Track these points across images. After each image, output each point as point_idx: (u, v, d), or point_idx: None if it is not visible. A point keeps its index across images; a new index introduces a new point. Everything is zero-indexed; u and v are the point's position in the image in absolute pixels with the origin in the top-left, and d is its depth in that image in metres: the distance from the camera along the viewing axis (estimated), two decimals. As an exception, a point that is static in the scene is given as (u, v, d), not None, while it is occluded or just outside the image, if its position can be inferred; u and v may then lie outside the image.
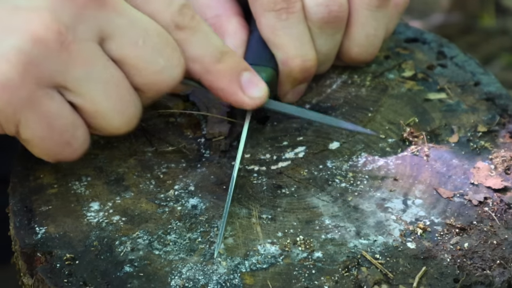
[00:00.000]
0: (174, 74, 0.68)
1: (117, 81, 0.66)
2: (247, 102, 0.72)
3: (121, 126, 0.67)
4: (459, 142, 0.77)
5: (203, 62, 0.70)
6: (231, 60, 0.71)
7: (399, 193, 0.71)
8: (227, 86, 0.71)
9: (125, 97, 0.66)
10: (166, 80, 0.68)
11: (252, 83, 0.72)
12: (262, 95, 0.72)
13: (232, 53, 0.71)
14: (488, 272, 0.65)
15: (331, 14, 0.77)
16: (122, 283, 0.63)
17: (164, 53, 0.67)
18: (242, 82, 0.71)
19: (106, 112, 0.66)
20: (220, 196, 0.71)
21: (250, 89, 0.72)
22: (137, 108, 0.68)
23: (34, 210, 0.69)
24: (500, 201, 0.71)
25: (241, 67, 0.72)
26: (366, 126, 0.78)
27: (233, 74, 0.71)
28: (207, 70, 0.70)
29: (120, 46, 0.66)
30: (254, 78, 0.72)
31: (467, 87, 0.83)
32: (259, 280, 0.64)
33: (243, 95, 0.71)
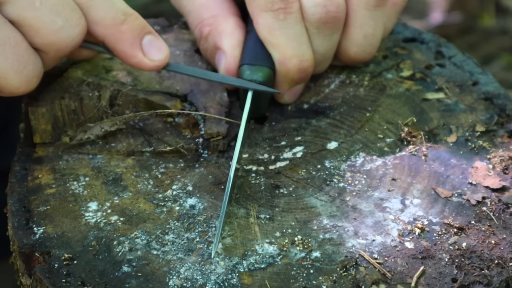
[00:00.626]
0: (73, 34, 0.71)
1: (14, 41, 0.69)
2: (146, 64, 0.74)
3: (20, 85, 0.70)
4: (457, 141, 0.77)
5: (105, 25, 0.72)
6: (133, 23, 0.73)
7: (397, 193, 0.72)
8: (128, 48, 0.73)
9: (23, 57, 0.69)
10: (65, 40, 0.70)
11: (153, 46, 0.74)
12: (163, 57, 0.74)
13: (135, 16, 0.73)
14: (486, 271, 0.65)
15: (328, 14, 0.77)
16: (120, 283, 0.63)
17: (62, 14, 0.70)
18: (143, 45, 0.73)
19: (4, 72, 0.69)
20: (218, 196, 0.71)
21: (151, 52, 0.74)
22: (36, 68, 0.70)
23: (32, 210, 0.69)
24: (498, 200, 0.71)
25: (144, 30, 0.74)
26: (364, 126, 0.79)
27: (135, 37, 0.73)
28: (109, 33, 0.73)
29: (17, 8, 0.69)
30: (156, 41, 0.74)
31: (465, 86, 0.83)
32: (257, 280, 0.64)
33: (143, 57, 0.74)
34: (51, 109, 0.77)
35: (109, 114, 0.77)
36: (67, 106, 0.77)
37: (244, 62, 0.77)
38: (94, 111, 0.78)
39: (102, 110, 0.78)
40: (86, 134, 0.76)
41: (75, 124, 0.77)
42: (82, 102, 0.78)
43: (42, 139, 0.76)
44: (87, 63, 0.82)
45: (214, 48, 0.80)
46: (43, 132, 0.76)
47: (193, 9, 0.82)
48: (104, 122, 0.77)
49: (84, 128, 0.76)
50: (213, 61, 0.81)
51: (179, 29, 0.89)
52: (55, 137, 0.76)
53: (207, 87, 0.81)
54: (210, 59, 0.82)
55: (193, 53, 0.86)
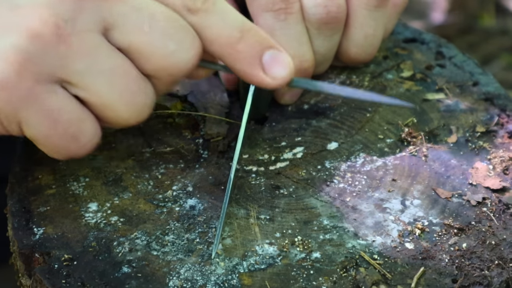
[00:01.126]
0: (187, 57, 0.66)
1: (123, 71, 0.64)
2: (269, 83, 0.68)
3: (131, 117, 0.65)
4: (458, 142, 0.77)
5: (221, 44, 0.67)
6: (251, 39, 0.68)
7: (397, 194, 0.71)
8: (247, 68, 0.68)
9: (133, 87, 0.64)
10: (177, 64, 0.65)
11: (275, 61, 0.68)
12: (286, 74, 0.68)
13: (254, 31, 0.68)
14: (486, 272, 0.65)
15: (329, 15, 0.77)
16: (120, 284, 0.63)
17: (174, 36, 0.65)
18: (264, 62, 0.68)
19: (113, 104, 0.64)
20: (218, 196, 0.71)
21: (272, 69, 0.68)
22: (147, 97, 0.66)
23: (32, 211, 0.69)
24: (499, 201, 0.71)
25: (264, 46, 0.68)
26: (364, 126, 0.78)
27: (253, 55, 0.68)
28: (226, 52, 0.67)
29: (124, 33, 0.64)
30: (278, 56, 0.68)
31: (466, 87, 0.83)
32: (257, 281, 0.64)
33: (265, 75, 0.68)
34: (51, 109, 0.77)
35: (109, 114, 0.77)
36: (67, 106, 0.77)
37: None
38: (94, 111, 0.77)
39: (102, 110, 0.77)
40: (86, 134, 0.76)
41: (75, 125, 0.77)
42: (82, 102, 0.78)
43: (42, 140, 0.76)
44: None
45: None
46: (43, 132, 0.76)
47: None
48: (104, 122, 0.76)
49: (84, 129, 0.76)
50: (213, 62, 0.80)
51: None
52: (55, 138, 0.76)
53: (207, 87, 0.81)
54: (211, 59, 0.81)
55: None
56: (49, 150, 0.66)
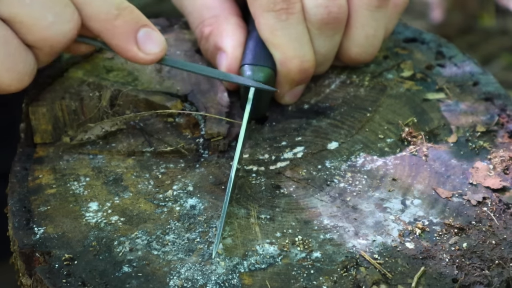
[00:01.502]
0: (66, 29, 0.70)
1: (4, 39, 0.68)
2: (142, 58, 0.73)
3: (11, 83, 0.69)
4: (458, 142, 0.77)
5: (99, 20, 0.72)
6: (128, 17, 0.72)
7: (397, 193, 0.72)
8: (122, 43, 0.72)
9: (14, 55, 0.69)
10: (56, 36, 0.70)
11: (149, 38, 0.73)
12: (159, 50, 0.73)
13: (130, 10, 0.73)
14: (486, 272, 0.65)
15: (330, 15, 0.77)
16: (120, 283, 0.63)
17: (53, 9, 0.69)
18: (138, 38, 0.72)
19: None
20: (218, 196, 0.71)
21: (146, 45, 0.73)
22: (28, 65, 0.70)
23: (32, 210, 0.69)
24: (499, 201, 0.71)
25: (139, 24, 0.73)
26: (364, 126, 0.79)
27: (129, 31, 0.72)
28: (104, 28, 0.72)
29: (6, 5, 0.68)
30: (152, 33, 0.73)
31: (466, 87, 0.83)
32: (258, 280, 0.64)
33: (138, 50, 0.73)
34: (52, 109, 0.77)
35: (109, 114, 0.77)
36: (67, 106, 0.77)
37: (245, 63, 0.77)
38: (95, 111, 0.77)
39: (103, 110, 0.78)
40: (87, 134, 0.76)
41: (76, 124, 0.77)
42: (82, 102, 0.78)
43: (43, 139, 0.76)
44: (87, 63, 0.82)
45: (215, 48, 0.80)
46: (43, 132, 0.76)
47: (194, 9, 0.82)
48: (104, 122, 0.77)
49: (85, 128, 0.76)
50: (214, 62, 0.81)
51: (180, 29, 0.90)
52: (55, 137, 0.76)
53: (208, 87, 0.81)
54: (211, 59, 0.82)
55: (194, 53, 0.86)
56: None
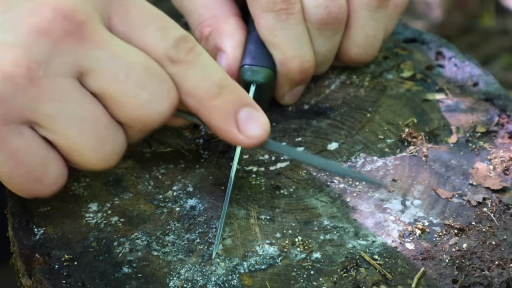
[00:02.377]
0: (160, 108, 0.64)
1: (94, 117, 0.63)
2: (242, 141, 0.67)
3: (98, 163, 0.64)
4: (458, 142, 0.77)
5: (198, 97, 0.66)
6: (229, 95, 0.66)
7: (397, 194, 0.71)
8: (221, 124, 0.67)
9: (102, 134, 0.63)
10: (150, 115, 0.64)
11: (251, 120, 0.67)
12: (261, 134, 0.67)
13: (232, 88, 0.67)
14: (486, 273, 0.65)
15: (330, 15, 0.77)
16: (120, 284, 0.63)
17: (149, 87, 0.63)
18: (239, 119, 0.67)
19: (81, 149, 0.63)
20: (218, 197, 0.71)
21: (247, 127, 0.67)
22: (117, 145, 0.64)
23: (32, 211, 0.69)
24: (499, 201, 0.71)
25: (241, 103, 0.67)
26: (364, 126, 0.78)
27: (230, 111, 0.66)
28: (202, 106, 0.66)
29: (99, 80, 0.62)
30: (253, 114, 0.67)
31: (466, 87, 0.83)
32: (258, 281, 0.64)
33: (238, 133, 0.67)
34: (52, 109, 0.77)
35: (109, 114, 0.77)
36: (67, 106, 0.77)
37: (245, 63, 0.77)
38: (95, 111, 0.77)
39: (103, 110, 0.77)
40: (87, 134, 0.76)
41: (76, 125, 0.77)
42: (82, 102, 0.78)
43: (43, 140, 0.76)
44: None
45: (214, 48, 0.80)
46: (43, 132, 0.76)
47: (193, 9, 0.82)
48: (104, 122, 0.76)
49: (85, 129, 0.76)
50: (214, 62, 0.80)
51: (180, 30, 0.89)
52: (55, 138, 0.76)
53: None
54: (211, 59, 0.81)
55: (194, 53, 0.86)
56: (13, 189, 0.65)
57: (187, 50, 0.65)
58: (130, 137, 0.66)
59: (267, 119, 0.68)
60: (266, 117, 0.68)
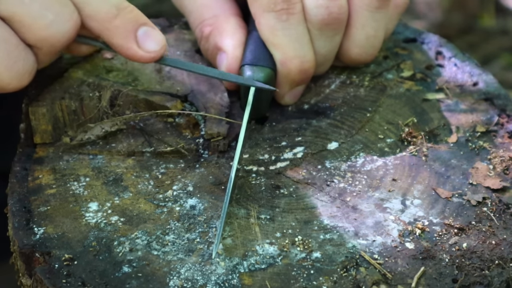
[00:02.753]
0: (65, 29, 0.70)
1: (3, 38, 0.68)
2: (142, 56, 0.73)
3: (11, 81, 0.70)
4: (458, 142, 0.77)
5: (99, 19, 0.72)
6: (127, 16, 0.72)
7: (397, 194, 0.72)
8: (122, 41, 0.73)
9: (13, 53, 0.69)
10: (56, 35, 0.70)
11: (149, 37, 0.73)
12: (158, 48, 0.73)
13: (129, 9, 0.73)
14: (486, 272, 0.65)
15: (331, 16, 0.77)
16: (120, 284, 0.63)
17: (52, 8, 0.69)
18: (138, 37, 0.73)
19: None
20: (218, 196, 0.71)
21: (146, 43, 0.73)
22: (28, 64, 0.70)
23: (32, 210, 0.69)
24: (499, 201, 0.71)
25: (139, 22, 0.73)
26: (364, 126, 0.79)
27: (129, 30, 0.72)
28: (104, 27, 0.72)
29: (6, 4, 0.68)
30: (152, 32, 0.73)
31: (466, 87, 0.83)
32: (258, 281, 0.64)
33: (138, 49, 0.73)
34: (52, 109, 0.77)
35: (109, 114, 0.77)
36: (67, 106, 0.77)
37: (245, 63, 0.77)
38: (95, 111, 0.78)
39: (103, 110, 0.78)
40: (87, 134, 0.76)
41: (76, 125, 0.77)
42: (82, 102, 0.78)
43: (43, 140, 0.76)
44: (87, 63, 0.82)
45: (215, 48, 0.80)
46: (43, 132, 0.76)
47: (194, 9, 0.82)
48: (104, 122, 0.77)
49: (85, 129, 0.76)
50: (214, 62, 0.81)
51: (180, 29, 0.90)
52: (55, 138, 0.76)
53: (208, 87, 0.81)
54: (211, 59, 0.82)
55: (194, 53, 0.86)
56: None
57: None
58: (40, 60, 0.72)
59: (163, 36, 0.74)
60: (162, 34, 0.74)
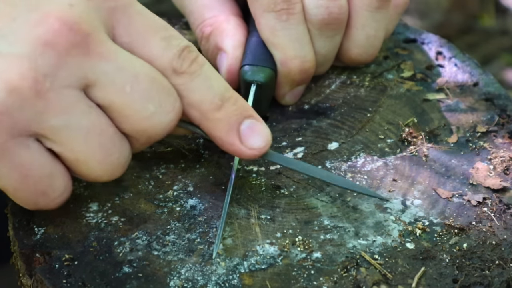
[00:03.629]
0: (166, 121, 0.64)
1: (100, 129, 0.63)
2: (244, 153, 0.68)
3: (103, 174, 0.65)
4: (458, 142, 0.77)
5: (201, 110, 0.66)
6: (231, 107, 0.67)
7: (398, 194, 0.72)
8: (224, 136, 0.67)
9: (108, 145, 0.63)
10: (156, 127, 0.64)
11: (253, 131, 0.67)
12: (263, 145, 0.68)
13: (234, 99, 0.67)
14: (487, 272, 0.65)
15: (331, 16, 0.77)
16: (121, 284, 0.63)
17: (155, 99, 0.63)
18: (241, 131, 0.67)
19: (87, 160, 0.63)
20: (219, 196, 0.71)
21: (249, 139, 0.67)
22: (122, 156, 0.65)
23: (33, 210, 0.69)
24: (499, 201, 0.71)
25: (243, 115, 0.67)
26: (365, 126, 0.79)
27: (232, 123, 0.67)
28: (205, 118, 0.67)
29: (105, 92, 0.62)
30: (255, 126, 0.68)
31: (466, 87, 0.83)
32: (258, 281, 0.64)
33: (241, 145, 0.67)
34: (52, 109, 0.77)
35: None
36: (68, 106, 0.77)
37: (246, 63, 0.77)
38: (95, 111, 0.77)
39: (103, 110, 0.77)
40: (87, 134, 0.76)
41: (76, 125, 0.77)
42: (83, 102, 0.78)
43: (43, 140, 0.76)
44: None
45: (215, 48, 0.80)
46: (44, 132, 0.76)
47: (194, 9, 0.82)
48: (105, 122, 0.76)
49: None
50: (214, 62, 0.81)
51: (180, 29, 0.90)
52: (56, 138, 0.76)
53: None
54: (211, 59, 0.82)
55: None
56: (18, 201, 0.64)
57: (191, 61, 0.65)
58: (134, 148, 0.66)
59: (269, 130, 0.68)
60: (268, 128, 0.68)
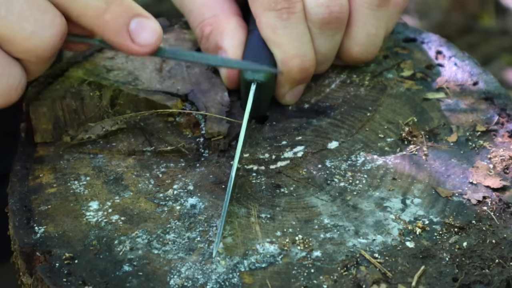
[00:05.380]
0: (47, 37, 0.66)
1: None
2: (137, 51, 0.69)
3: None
4: (458, 141, 0.77)
5: (88, 16, 0.68)
6: (117, 8, 0.69)
7: (398, 193, 0.72)
8: (115, 37, 0.69)
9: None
10: (40, 45, 0.66)
11: (142, 28, 0.69)
12: (154, 40, 0.69)
13: (119, 1, 0.69)
14: (486, 271, 0.65)
15: (331, 15, 0.77)
16: (121, 283, 0.63)
17: (30, 18, 0.65)
18: (131, 30, 0.69)
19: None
20: (219, 195, 0.71)
21: (139, 36, 0.69)
22: (14, 79, 0.67)
23: (33, 209, 0.69)
24: (499, 200, 0.71)
25: (130, 14, 0.69)
26: (364, 125, 0.79)
27: (121, 23, 0.69)
28: (94, 24, 0.68)
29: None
30: (144, 23, 0.69)
31: (466, 86, 0.84)
32: (258, 280, 0.64)
33: (132, 44, 0.69)
34: (52, 108, 0.77)
35: (110, 113, 0.77)
36: (68, 105, 0.77)
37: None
38: (95, 110, 0.78)
39: (103, 109, 0.78)
40: (87, 133, 0.76)
41: (76, 124, 0.77)
42: (83, 101, 0.78)
43: (43, 139, 0.76)
44: (88, 63, 0.82)
45: (215, 47, 0.80)
46: (44, 131, 0.76)
47: (194, 8, 0.82)
48: (105, 121, 0.77)
49: (85, 128, 0.76)
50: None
51: (180, 29, 0.90)
52: (56, 137, 0.76)
53: (208, 86, 0.81)
54: (211, 58, 0.82)
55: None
56: None
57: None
58: (30, 72, 0.69)
59: (159, 26, 0.70)
60: (158, 24, 0.70)
